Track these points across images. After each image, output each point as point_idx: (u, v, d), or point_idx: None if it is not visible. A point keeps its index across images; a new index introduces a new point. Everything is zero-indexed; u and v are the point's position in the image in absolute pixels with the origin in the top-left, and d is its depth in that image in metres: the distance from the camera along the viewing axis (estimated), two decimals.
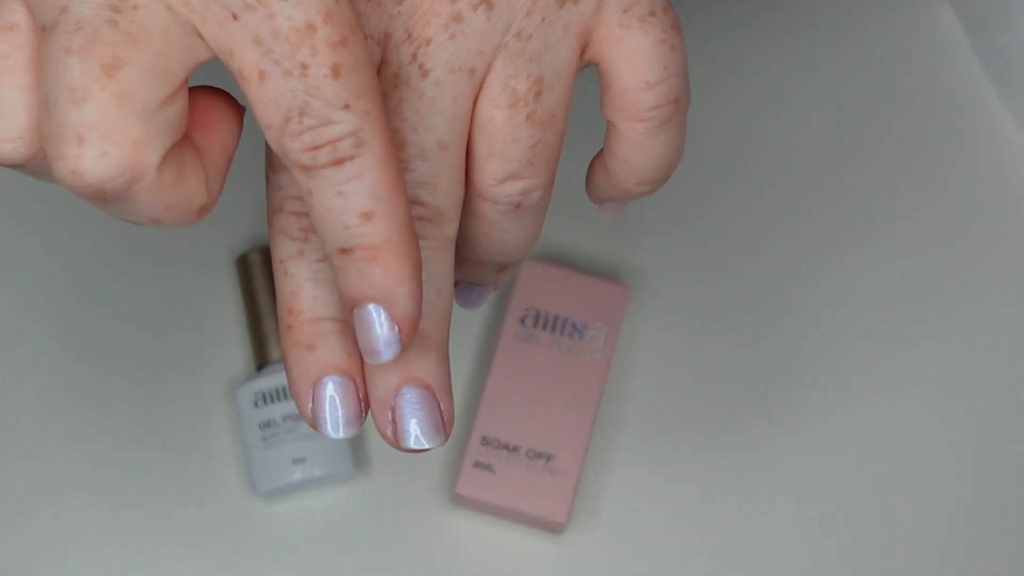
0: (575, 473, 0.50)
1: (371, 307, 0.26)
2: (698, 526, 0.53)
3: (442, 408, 0.28)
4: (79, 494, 0.53)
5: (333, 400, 0.28)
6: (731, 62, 0.60)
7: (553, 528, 0.51)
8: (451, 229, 0.29)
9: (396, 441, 0.28)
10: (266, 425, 0.51)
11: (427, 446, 0.28)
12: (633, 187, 0.31)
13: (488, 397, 0.51)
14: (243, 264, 0.54)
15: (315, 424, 0.28)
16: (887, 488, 0.54)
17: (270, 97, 0.24)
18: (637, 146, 0.30)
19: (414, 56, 0.28)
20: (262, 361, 0.53)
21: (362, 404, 0.28)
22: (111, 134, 0.23)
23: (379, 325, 0.26)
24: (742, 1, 0.61)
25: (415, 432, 0.28)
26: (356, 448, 0.54)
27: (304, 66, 0.24)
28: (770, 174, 0.58)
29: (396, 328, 0.26)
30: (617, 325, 0.53)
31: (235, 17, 0.24)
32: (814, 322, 0.56)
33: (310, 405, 0.28)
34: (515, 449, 0.50)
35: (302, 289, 0.28)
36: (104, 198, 0.24)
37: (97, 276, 0.56)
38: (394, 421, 0.28)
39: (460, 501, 0.51)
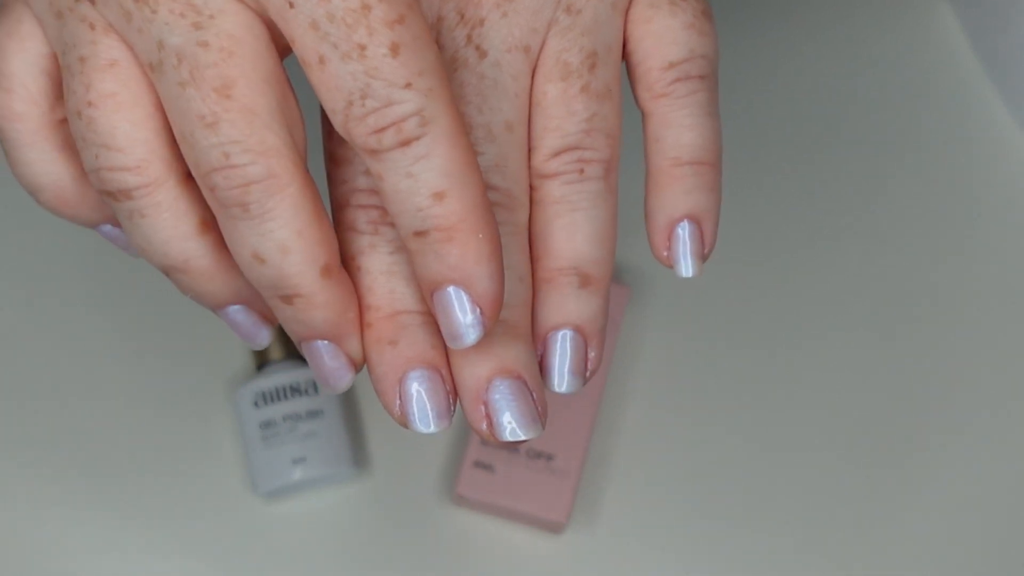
0: (575, 473, 0.50)
1: (451, 289, 0.25)
2: (698, 526, 0.53)
3: (535, 398, 0.27)
4: (79, 494, 0.53)
5: (421, 394, 0.27)
6: (731, 63, 0.60)
7: (553, 528, 0.51)
8: (523, 215, 0.28)
9: (492, 435, 0.27)
10: (266, 425, 0.51)
11: (523, 438, 0.27)
12: (672, 169, 0.29)
13: None
14: None
15: (404, 420, 0.27)
16: (886, 486, 0.54)
17: (331, 82, 0.24)
18: (665, 123, 0.29)
19: (468, 38, 0.28)
20: (262, 361, 0.53)
21: (450, 396, 0.27)
22: (253, 148, 0.24)
23: (460, 308, 0.25)
24: (741, 2, 0.61)
25: (511, 424, 0.27)
26: (356, 448, 0.54)
27: (362, 47, 0.23)
28: (770, 175, 0.58)
29: (478, 310, 0.25)
30: (617, 325, 0.53)
31: (291, 5, 0.24)
32: (814, 322, 0.56)
33: (397, 402, 0.27)
34: (515, 449, 0.50)
35: (377, 283, 0.27)
36: (246, 203, 0.25)
37: (97, 276, 0.56)
38: (488, 415, 0.27)
39: (460, 501, 0.51)
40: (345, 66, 0.24)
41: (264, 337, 0.29)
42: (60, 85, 0.28)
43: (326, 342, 0.27)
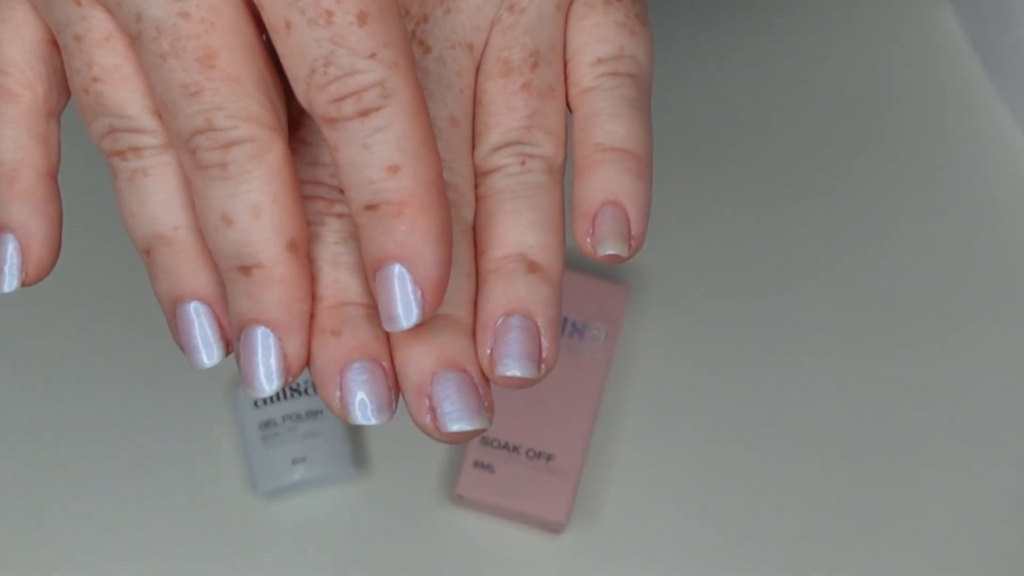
0: (575, 473, 0.50)
1: (394, 268, 0.25)
2: (698, 526, 0.53)
3: (480, 391, 0.26)
4: (79, 494, 0.53)
5: (361, 386, 0.26)
6: (731, 63, 0.60)
7: (553, 528, 0.51)
8: (469, 211, 0.28)
9: (437, 427, 0.26)
10: (266, 425, 0.51)
11: (470, 428, 0.26)
12: (595, 154, 0.28)
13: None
14: None
15: (344, 413, 0.26)
16: (887, 486, 0.54)
17: (296, 48, 0.24)
18: (590, 114, 0.29)
19: (413, 33, 0.28)
20: None
21: (392, 391, 0.26)
22: (236, 114, 0.24)
23: (401, 288, 0.25)
24: (741, 3, 0.61)
25: (456, 415, 0.26)
26: (356, 448, 0.54)
27: (329, 13, 0.23)
28: (770, 174, 0.58)
29: (419, 292, 0.25)
30: (617, 325, 0.53)
31: None
32: (814, 321, 0.56)
33: (337, 393, 0.26)
34: (515, 449, 0.50)
35: (322, 274, 0.27)
36: (225, 165, 0.24)
37: (97, 276, 0.56)
38: (432, 407, 0.26)
39: (460, 501, 0.51)
40: (311, 32, 0.23)
41: (211, 355, 0.27)
42: (56, 73, 0.28)
43: (267, 332, 0.26)
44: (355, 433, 0.54)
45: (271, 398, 0.51)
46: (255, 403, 0.51)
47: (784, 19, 0.61)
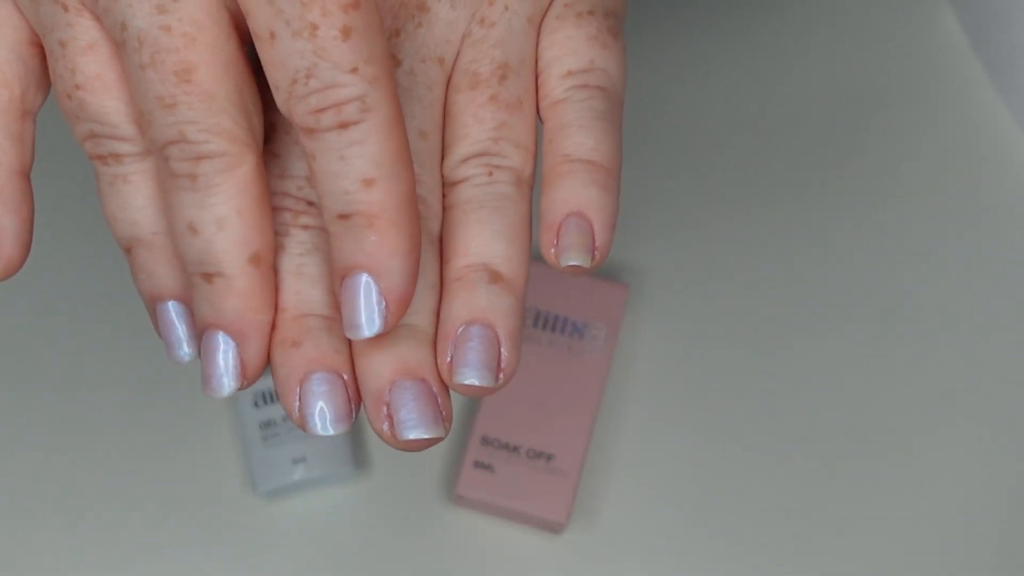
0: (575, 473, 0.50)
1: (362, 277, 0.25)
2: (698, 526, 0.53)
3: (439, 401, 0.27)
4: (80, 494, 0.53)
5: (320, 396, 0.26)
6: (730, 63, 0.60)
7: (553, 528, 0.51)
8: (436, 225, 0.28)
9: (393, 435, 0.26)
10: (266, 425, 0.51)
11: (426, 436, 0.26)
12: (561, 165, 0.28)
13: (488, 397, 0.51)
14: None
15: (302, 422, 0.26)
16: (888, 485, 0.54)
17: (279, 58, 0.24)
18: (559, 125, 0.29)
19: None
20: None
21: (351, 403, 0.27)
22: (208, 128, 0.25)
23: (366, 297, 0.25)
24: (740, 3, 0.61)
25: (413, 423, 0.26)
26: (356, 448, 0.54)
27: (314, 26, 0.23)
28: (769, 174, 0.58)
29: (383, 304, 0.25)
30: (617, 325, 0.53)
31: None
32: (814, 321, 0.56)
33: (296, 403, 0.26)
34: (515, 449, 0.50)
35: (285, 284, 0.27)
36: (195, 175, 0.25)
37: (97, 276, 0.56)
38: (390, 415, 0.26)
39: (460, 501, 0.51)
40: (294, 44, 0.24)
41: (190, 351, 0.28)
42: (34, 73, 0.28)
43: (226, 337, 0.26)
44: (355, 433, 0.54)
45: (271, 398, 0.51)
46: (255, 403, 0.51)
47: (784, 19, 0.61)
